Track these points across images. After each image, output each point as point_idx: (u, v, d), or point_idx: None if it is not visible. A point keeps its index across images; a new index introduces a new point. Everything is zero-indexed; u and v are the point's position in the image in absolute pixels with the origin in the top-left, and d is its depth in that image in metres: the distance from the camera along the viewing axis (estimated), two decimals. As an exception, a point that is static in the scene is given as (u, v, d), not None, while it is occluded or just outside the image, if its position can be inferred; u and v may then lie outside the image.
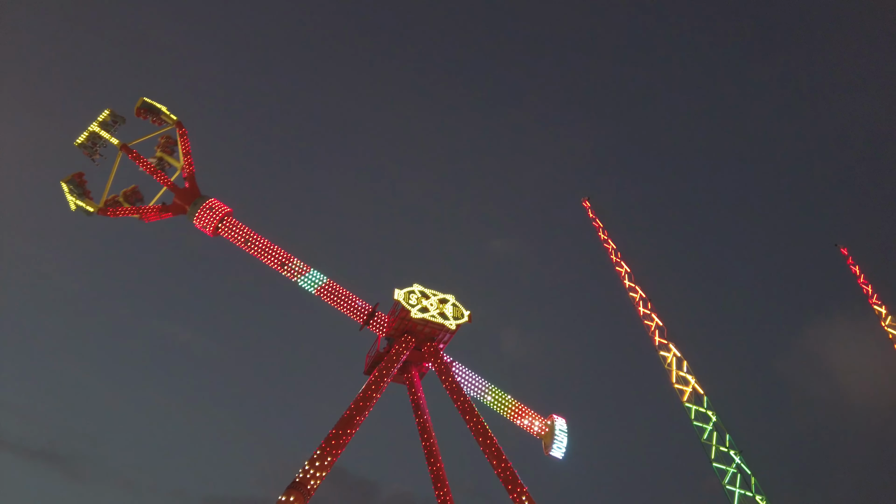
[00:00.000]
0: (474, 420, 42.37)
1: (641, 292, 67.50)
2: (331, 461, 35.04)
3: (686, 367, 60.03)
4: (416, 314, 45.20)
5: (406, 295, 45.77)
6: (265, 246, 45.40)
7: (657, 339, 62.97)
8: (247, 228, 45.68)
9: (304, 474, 33.56)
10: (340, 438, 36.43)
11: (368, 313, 47.32)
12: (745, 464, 51.42)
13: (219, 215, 45.21)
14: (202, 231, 45.61)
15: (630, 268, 70.37)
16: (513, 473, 39.07)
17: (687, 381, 58.77)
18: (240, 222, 46.06)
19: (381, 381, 41.76)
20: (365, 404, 39.56)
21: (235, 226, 45.69)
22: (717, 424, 55.04)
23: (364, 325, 47.34)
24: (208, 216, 44.78)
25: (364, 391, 40.45)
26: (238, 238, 45.30)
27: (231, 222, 45.52)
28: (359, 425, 38.47)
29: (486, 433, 41.37)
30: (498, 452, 40.33)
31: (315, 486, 33.63)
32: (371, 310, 47.45)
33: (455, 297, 48.56)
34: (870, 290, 72.02)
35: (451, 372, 45.61)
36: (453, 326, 46.55)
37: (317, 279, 46.64)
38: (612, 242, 71.72)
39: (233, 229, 45.53)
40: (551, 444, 49.23)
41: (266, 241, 45.69)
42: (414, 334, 45.93)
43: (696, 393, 58.03)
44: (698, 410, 56.08)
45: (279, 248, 45.80)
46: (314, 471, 33.94)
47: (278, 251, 45.57)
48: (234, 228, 45.62)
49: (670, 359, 60.81)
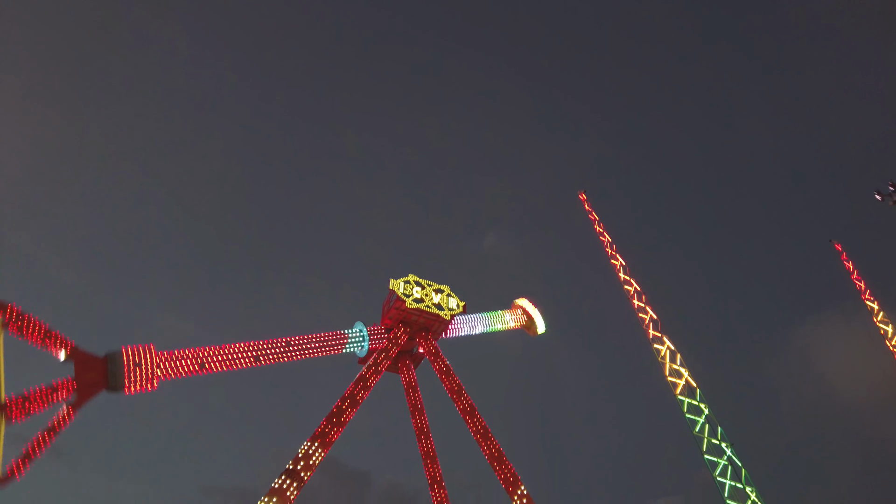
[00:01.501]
0: (463, 400, 43.01)
1: (636, 285, 67.73)
2: (324, 450, 35.16)
3: (679, 359, 60.33)
4: (411, 304, 45.27)
5: (401, 285, 45.83)
6: (227, 354, 37.25)
7: (651, 332, 63.26)
8: (195, 350, 36.36)
9: (298, 462, 33.69)
10: (335, 426, 36.57)
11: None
12: (736, 456, 51.85)
13: (151, 362, 33.91)
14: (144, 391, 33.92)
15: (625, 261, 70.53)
16: (499, 451, 39.54)
17: (680, 374, 59.10)
18: (183, 351, 35.71)
19: (376, 370, 41.89)
20: (360, 393, 39.69)
21: (180, 357, 35.37)
22: (709, 417, 55.43)
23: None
24: (140, 372, 33.23)
25: (359, 379, 40.56)
26: (189, 367, 35.63)
27: (172, 357, 35.13)
28: (354, 413, 38.59)
29: (473, 412, 42.05)
30: (485, 431, 40.81)
31: (308, 474, 33.76)
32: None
33: (450, 287, 48.68)
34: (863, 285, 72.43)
35: (442, 356, 45.92)
36: (448, 317, 46.68)
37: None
38: (607, 236, 71.79)
39: (178, 363, 35.15)
40: (533, 324, 55.54)
41: (227, 347, 37.36)
42: (409, 324, 46.04)
43: (688, 386, 58.39)
44: (691, 403, 56.44)
45: (239, 344, 37.91)
46: (308, 459, 34.07)
47: (242, 350, 38.01)
48: (180, 362, 35.21)
49: (664, 352, 61.11)
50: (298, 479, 32.91)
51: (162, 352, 34.89)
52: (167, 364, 34.83)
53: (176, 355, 35.31)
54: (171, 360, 34.98)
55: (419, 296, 46.10)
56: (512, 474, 38.43)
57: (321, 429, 35.84)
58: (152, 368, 33.65)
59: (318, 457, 34.59)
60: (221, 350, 37.26)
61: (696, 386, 58.66)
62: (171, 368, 34.99)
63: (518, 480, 38.13)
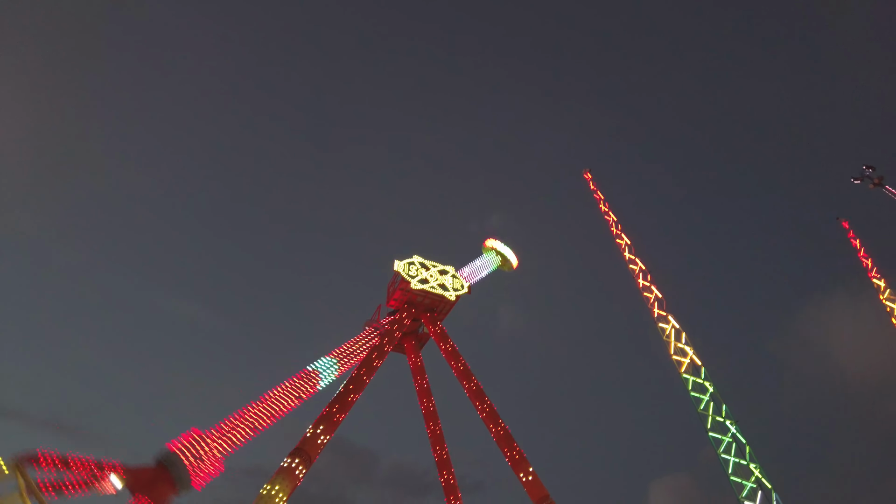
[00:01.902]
0: (471, 383, 43.03)
1: (641, 264, 67.54)
2: (331, 429, 35.51)
3: (684, 338, 60.40)
4: (416, 285, 45.33)
5: (406, 266, 45.84)
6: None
7: (656, 311, 63.25)
8: (237, 414, 34.42)
9: (306, 441, 34.05)
10: (342, 405, 36.90)
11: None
12: (740, 433, 52.13)
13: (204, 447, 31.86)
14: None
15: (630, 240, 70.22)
16: (506, 432, 39.82)
17: (685, 353, 59.21)
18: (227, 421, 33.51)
19: (382, 351, 42.09)
20: (365, 372, 39.93)
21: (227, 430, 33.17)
22: (713, 395, 55.62)
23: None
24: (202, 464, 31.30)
25: (364, 361, 40.77)
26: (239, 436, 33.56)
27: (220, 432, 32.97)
28: (359, 395, 38.87)
29: (481, 395, 42.02)
30: (492, 412, 41.02)
31: (317, 452, 34.14)
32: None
33: (455, 268, 48.66)
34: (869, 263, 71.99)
35: (448, 337, 45.96)
36: (453, 297, 46.74)
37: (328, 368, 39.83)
38: (612, 215, 71.42)
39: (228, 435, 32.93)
40: (507, 260, 57.97)
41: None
42: (414, 305, 46.13)
43: (693, 364, 58.52)
44: (696, 381, 56.62)
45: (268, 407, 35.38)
46: (315, 439, 34.43)
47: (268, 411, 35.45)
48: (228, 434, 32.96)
49: (669, 330, 61.15)
50: (306, 458, 33.28)
51: (208, 431, 32.45)
52: (219, 442, 32.53)
53: (224, 427, 33.18)
54: (221, 435, 32.75)
55: (424, 277, 46.14)
56: (519, 454, 38.79)
57: (327, 410, 36.16)
58: (210, 453, 31.46)
59: (324, 438, 34.96)
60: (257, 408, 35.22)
61: (700, 364, 58.77)
62: (225, 444, 32.82)
63: (525, 460, 38.50)
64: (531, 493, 37.30)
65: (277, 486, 31.40)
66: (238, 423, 33.91)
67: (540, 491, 37.14)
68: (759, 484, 49.90)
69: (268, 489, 31.13)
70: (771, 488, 49.04)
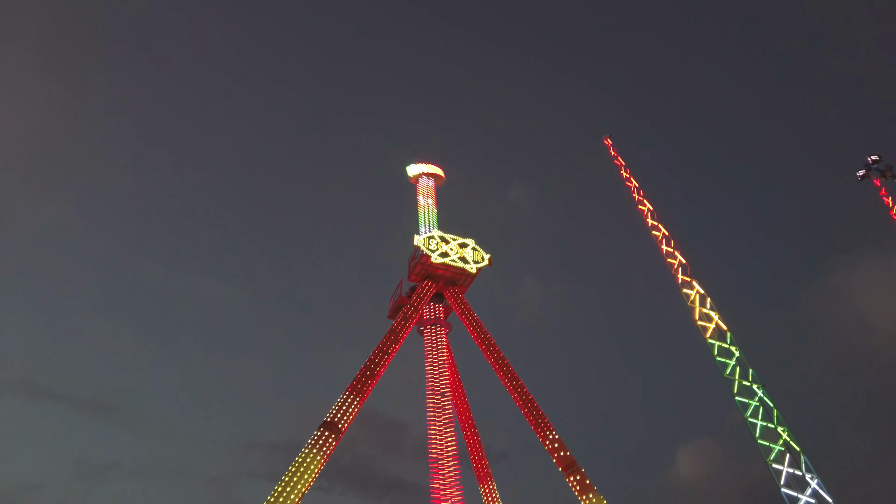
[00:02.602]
0: (494, 353, 43.29)
1: (664, 230, 66.64)
2: (359, 402, 36.32)
3: (709, 303, 59.81)
4: (437, 259, 45.50)
5: (426, 240, 45.93)
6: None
7: (680, 277, 62.60)
8: None
9: (334, 415, 34.93)
10: (368, 380, 37.63)
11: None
12: (767, 397, 51.81)
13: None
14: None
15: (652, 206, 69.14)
16: (530, 399, 40.12)
17: (710, 318, 58.69)
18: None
19: (405, 326, 42.58)
20: (390, 347, 40.53)
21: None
22: (739, 359, 55.21)
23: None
24: None
25: (388, 335, 41.34)
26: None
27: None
28: (386, 366, 39.54)
29: (506, 365, 42.21)
30: (516, 380, 41.31)
31: (346, 426, 35.02)
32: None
33: (475, 241, 48.66)
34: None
35: (471, 309, 46.17)
36: (474, 270, 46.86)
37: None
38: (634, 181, 70.30)
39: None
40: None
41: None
42: (435, 279, 46.39)
43: (719, 329, 58.02)
44: (721, 346, 56.21)
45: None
46: (343, 413, 35.29)
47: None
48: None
49: (693, 296, 60.58)
50: (336, 430, 34.16)
51: None
52: None
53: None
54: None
55: (444, 250, 46.24)
56: (543, 420, 39.18)
57: (356, 381, 36.90)
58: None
59: (353, 408, 35.78)
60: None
61: (726, 329, 58.28)
62: None
63: (550, 426, 38.89)
64: (558, 461, 37.76)
65: (308, 458, 32.34)
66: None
67: (566, 458, 37.56)
68: (787, 447, 49.76)
69: (299, 462, 32.11)
70: (799, 451, 48.88)
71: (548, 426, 38.87)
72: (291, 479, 31.36)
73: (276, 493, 30.61)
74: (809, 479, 48.13)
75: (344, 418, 35.12)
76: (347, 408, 35.59)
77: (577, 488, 36.65)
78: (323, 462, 32.96)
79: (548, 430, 38.69)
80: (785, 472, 48.79)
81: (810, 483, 47.88)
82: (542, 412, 39.70)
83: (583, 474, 36.84)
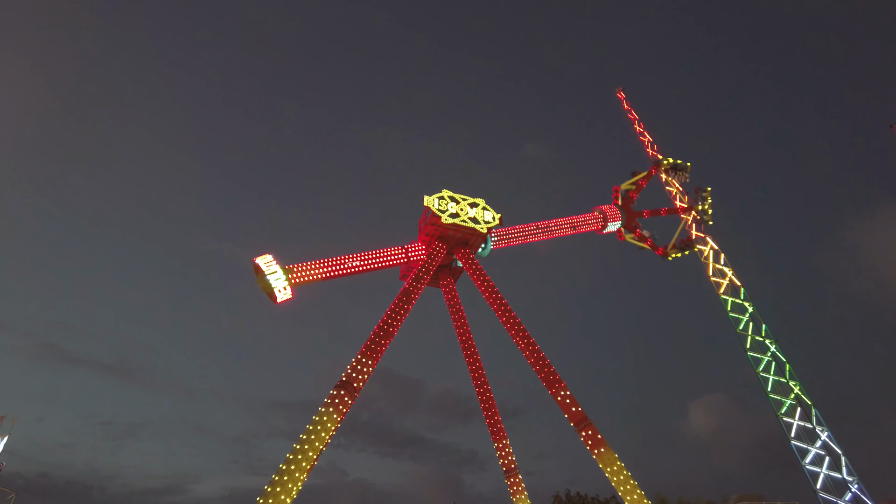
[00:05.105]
0: (506, 312, 43.51)
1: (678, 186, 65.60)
2: (373, 362, 36.89)
3: (724, 259, 59.27)
4: (447, 219, 45.28)
5: (436, 201, 45.64)
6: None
7: (694, 233, 61.93)
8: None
9: (349, 375, 35.58)
10: (382, 339, 38.10)
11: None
12: (780, 352, 51.85)
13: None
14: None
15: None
16: (542, 356, 40.56)
17: (724, 274, 58.27)
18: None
19: (417, 287, 42.78)
20: (402, 308, 40.84)
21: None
22: (753, 315, 55.00)
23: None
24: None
25: (400, 297, 41.60)
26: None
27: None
28: (400, 325, 39.91)
29: (518, 324, 42.48)
30: (527, 339, 41.68)
31: (361, 385, 35.71)
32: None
33: (485, 201, 48.24)
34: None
35: (482, 269, 46.23)
36: (484, 230, 46.64)
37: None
38: (648, 135, 68.83)
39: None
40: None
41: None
42: (446, 239, 46.29)
43: (732, 285, 57.64)
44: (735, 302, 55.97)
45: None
46: (358, 373, 35.91)
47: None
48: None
49: (707, 252, 60.03)
50: (351, 389, 34.86)
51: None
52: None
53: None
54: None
55: (454, 210, 45.99)
56: (555, 377, 39.64)
57: (370, 341, 37.42)
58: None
59: (368, 367, 36.40)
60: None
61: (739, 284, 57.81)
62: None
63: (561, 382, 39.36)
64: (570, 415, 38.35)
65: (325, 417, 33.16)
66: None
67: (578, 413, 38.12)
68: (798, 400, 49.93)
69: (317, 419, 32.95)
70: (811, 404, 49.15)
71: (559, 382, 39.32)
72: (309, 436, 32.24)
73: (296, 450, 31.55)
74: (819, 432, 48.56)
75: (359, 378, 35.78)
76: (362, 367, 36.22)
77: (588, 443, 37.36)
78: (339, 420, 33.79)
79: (559, 386, 39.17)
80: (795, 425, 49.27)
81: (820, 435, 48.34)
82: (554, 369, 40.10)
83: (594, 429, 37.46)
